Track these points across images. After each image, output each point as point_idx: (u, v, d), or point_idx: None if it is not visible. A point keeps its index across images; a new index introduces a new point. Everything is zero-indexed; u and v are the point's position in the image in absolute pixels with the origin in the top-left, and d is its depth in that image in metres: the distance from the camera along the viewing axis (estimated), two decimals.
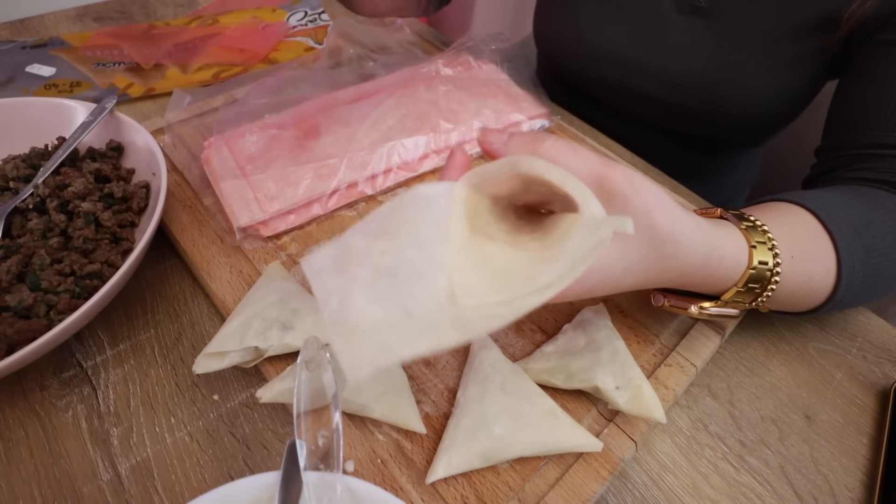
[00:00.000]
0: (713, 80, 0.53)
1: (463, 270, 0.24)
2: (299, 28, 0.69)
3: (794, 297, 0.36)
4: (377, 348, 0.21)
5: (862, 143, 0.42)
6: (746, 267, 0.32)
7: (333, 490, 0.26)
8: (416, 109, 0.50)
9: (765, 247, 0.33)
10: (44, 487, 0.32)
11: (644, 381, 0.33)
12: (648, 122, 0.61)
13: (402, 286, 0.22)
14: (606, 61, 0.58)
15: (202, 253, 0.42)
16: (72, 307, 0.34)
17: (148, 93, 0.58)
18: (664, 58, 0.55)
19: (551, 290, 0.22)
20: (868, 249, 0.35)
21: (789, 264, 0.33)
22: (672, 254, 0.29)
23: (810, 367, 0.40)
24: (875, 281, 0.36)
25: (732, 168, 0.67)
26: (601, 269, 0.28)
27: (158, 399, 0.36)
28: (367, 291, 0.22)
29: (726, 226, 0.34)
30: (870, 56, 0.44)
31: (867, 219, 0.37)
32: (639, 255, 0.28)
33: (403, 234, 0.24)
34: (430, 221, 0.25)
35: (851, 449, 0.35)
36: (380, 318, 0.21)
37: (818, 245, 0.35)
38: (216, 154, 0.45)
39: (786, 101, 0.53)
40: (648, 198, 0.28)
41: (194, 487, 0.32)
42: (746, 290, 0.33)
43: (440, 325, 0.21)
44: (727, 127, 0.57)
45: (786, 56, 0.49)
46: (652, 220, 0.28)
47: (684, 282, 0.32)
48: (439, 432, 0.33)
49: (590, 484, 0.31)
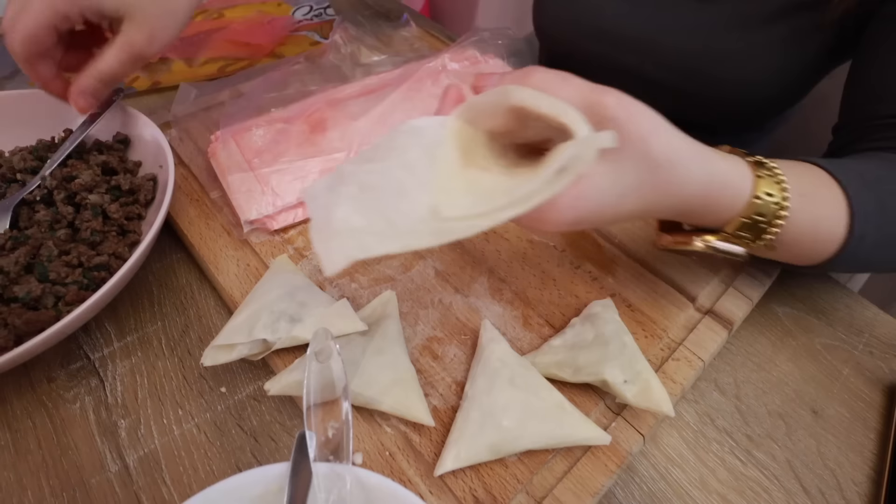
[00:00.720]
0: (708, 60, 0.53)
1: (450, 193, 0.25)
2: (305, 22, 0.68)
3: (802, 242, 0.34)
4: (354, 245, 0.23)
5: (882, 114, 0.41)
6: (750, 196, 0.31)
7: (343, 481, 0.26)
8: (422, 104, 0.50)
9: (772, 180, 0.32)
10: (52, 478, 0.32)
11: (652, 375, 0.33)
12: (651, 105, 0.61)
13: (387, 200, 0.24)
14: (601, 42, 0.59)
15: (209, 246, 0.42)
16: (80, 298, 0.34)
17: (153, 86, 0.58)
18: (658, 38, 0.55)
19: (528, 202, 0.23)
20: (883, 204, 0.34)
21: (798, 202, 0.32)
22: (669, 178, 0.28)
23: (817, 363, 0.40)
24: (891, 239, 0.35)
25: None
26: (595, 194, 0.27)
27: (166, 391, 0.36)
28: (352, 202, 0.24)
29: (732, 157, 0.33)
30: (882, 30, 0.43)
31: (881, 175, 0.36)
32: (635, 180, 0.28)
33: (392, 157, 0.25)
34: (421, 146, 0.26)
35: (858, 444, 0.35)
36: (362, 225, 0.24)
37: (828, 192, 0.34)
38: (223, 148, 0.45)
39: (782, 82, 0.53)
40: (643, 122, 0.27)
41: (202, 479, 0.32)
42: (752, 224, 0.32)
43: (419, 232, 0.23)
44: (724, 108, 0.57)
45: (779, 35, 0.50)
46: (647, 144, 0.27)
47: (685, 209, 0.32)
48: (447, 425, 0.33)
49: (598, 477, 0.31)
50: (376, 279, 0.40)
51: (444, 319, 0.38)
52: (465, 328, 0.38)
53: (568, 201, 0.27)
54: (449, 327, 0.38)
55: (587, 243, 0.43)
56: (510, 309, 0.39)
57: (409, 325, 0.38)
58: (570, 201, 0.27)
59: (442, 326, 0.38)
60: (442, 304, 0.39)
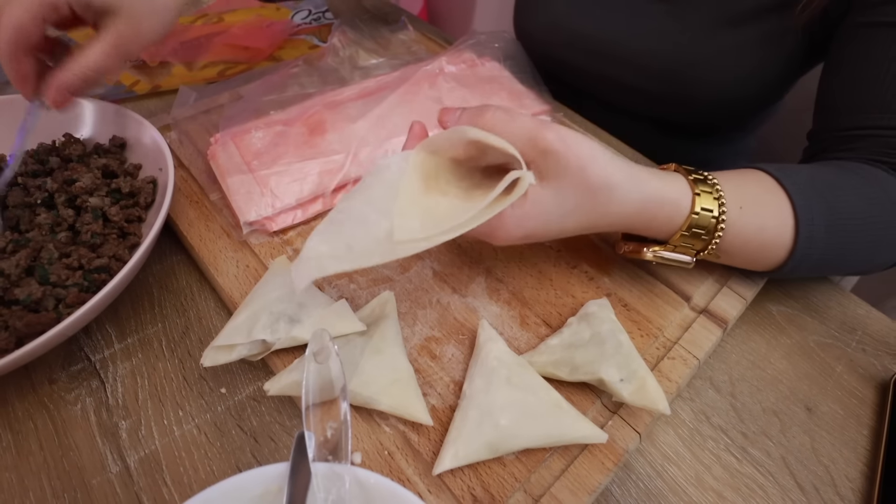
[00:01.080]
0: (681, 64, 0.54)
1: (407, 217, 0.30)
2: (303, 26, 0.69)
3: (750, 249, 0.37)
4: (314, 266, 0.30)
5: (843, 125, 0.43)
6: (689, 212, 0.34)
7: (342, 481, 0.26)
8: (420, 106, 0.51)
9: (710, 196, 0.35)
10: (53, 479, 0.32)
11: (648, 374, 0.33)
12: (629, 111, 0.62)
13: (349, 230, 0.31)
14: (579, 48, 0.60)
15: (209, 248, 0.42)
16: (80, 301, 0.34)
17: (154, 90, 0.59)
18: (632, 42, 0.56)
19: (467, 226, 0.30)
20: (831, 207, 0.36)
21: (737, 213, 0.35)
22: (607, 200, 0.32)
23: (811, 360, 0.40)
24: (843, 241, 0.37)
25: (721, 160, 0.68)
26: (540, 215, 0.32)
27: (166, 392, 0.36)
28: (320, 235, 0.31)
29: (672, 175, 0.36)
30: (847, 39, 0.44)
31: (831, 181, 0.38)
32: (575, 202, 0.32)
33: (358, 196, 0.32)
34: (384, 182, 0.32)
35: (852, 440, 0.36)
36: (325, 251, 0.30)
37: (773, 199, 0.37)
38: (222, 150, 0.46)
39: (757, 82, 0.54)
40: (581, 151, 0.31)
41: (203, 479, 0.33)
42: (692, 235, 0.35)
43: (371, 252, 0.30)
44: (704, 110, 0.58)
45: (750, 37, 0.51)
46: (584, 172, 0.31)
47: (628, 223, 0.35)
48: (445, 424, 0.33)
49: (595, 475, 0.31)
50: (374, 280, 0.41)
51: (442, 319, 0.39)
52: (462, 328, 0.38)
53: (515, 221, 0.32)
54: (447, 327, 0.38)
55: (583, 244, 0.44)
56: (507, 309, 0.39)
57: (408, 325, 0.38)
58: (517, 221, 0.32)
59: (440, 326, 0.38)
60: (440, 305, 0.39)
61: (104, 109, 0.47)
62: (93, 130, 0.48)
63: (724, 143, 0.66)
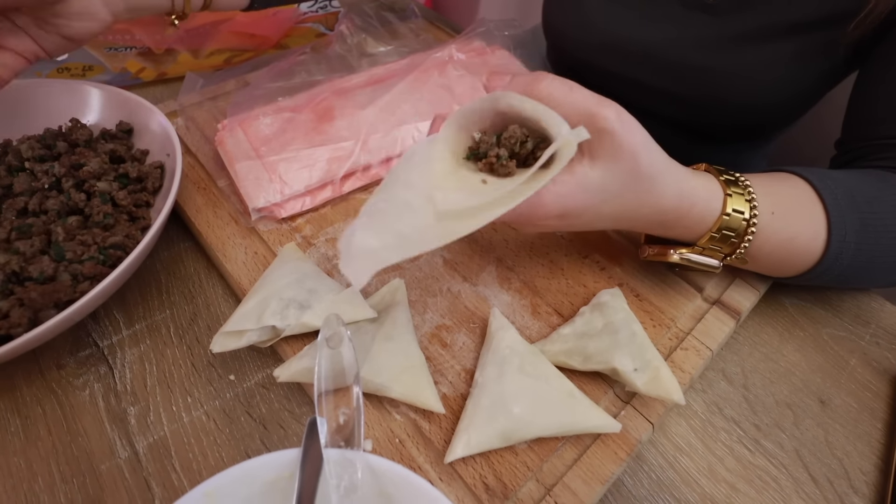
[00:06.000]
0: (715, 72, 0.53)
1: (446, 190, 0.29)
2: (310, 14, 0.68)
3: (777, 256, 0.36)
4: (373, 261, 0.28)
5: (884, 134, 0.42)
6: (720, 213, 0.33)
7: (354, 467, 0.26)
8: (429, 94, 0.50)
9: (741, 197, 0.34)
10: (62, 464, 0.32)
11: (662, 364, 0.33)
12: (654, 113, 0.61)
13: (396, 218, 0.29)
14: (610, 49, 0.58)
15: (217, 234, 0.42)
16: (98, 272, 0.34)
17: (160, 77, 0.58)
18: (667, 48, 0.55)
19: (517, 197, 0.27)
20: (865, 223, 0.35)
21: (768, 219, 0.34)
22: (649, 190, 0.31)
23: (824, 353, 0.40)
24: (871, 257, 0.36)
25: (744, 164, 0.67)
26: (581, 194, 0.30)
27: (175, 379, 0.36)
28: (365, 230, 0.29)
29: (704, 175, 0.35)
30: (892, 49, 0.43)
31: (871, 194, 0.37)
32: (619, 188, 0.31)
33: (394, 182, 0.30)
34: (417, 166, 0.30)
35: (866, 433, 0.35)
36: (376, 244, 0.28)
37: (807, 209, 0.36)
38: (230, 136, 0.45)
39: (789, 95, 0.53)
40: (636, 137, 0.30)
41: (212, 466, 0.32)
42: (721, 238, 0.34)
43: (427, 237, 0.28)
44: (730, 118, 0.57)
45: (791, 49, 0.49)
46: (637, 157, 0.30)
47: (660, 219, 0.34)
48: (457, 413, 0.33)
49: (607, 465, 0.31)
50: (384, 267, 0.40)
51: (453, 308, 0.38)
52: (473, 316, 0.38)
53: (554, 198, 0.30)
54: (458, 315, 0.38)
55: (594, 234, 0.43)
56: (518, 298, 0.39)
57: (418, 312, 0.38)
58: (557, 198, 0.30)
59: (451, 314, 0.38)
60: (450, 293, 0.39)
61: (111, 95, 0.47)
62: (99, 116, 0.47)
63: (749, 148, 0.66)
